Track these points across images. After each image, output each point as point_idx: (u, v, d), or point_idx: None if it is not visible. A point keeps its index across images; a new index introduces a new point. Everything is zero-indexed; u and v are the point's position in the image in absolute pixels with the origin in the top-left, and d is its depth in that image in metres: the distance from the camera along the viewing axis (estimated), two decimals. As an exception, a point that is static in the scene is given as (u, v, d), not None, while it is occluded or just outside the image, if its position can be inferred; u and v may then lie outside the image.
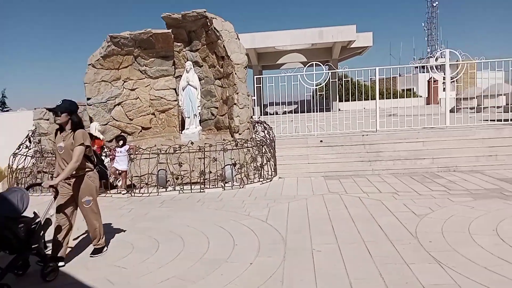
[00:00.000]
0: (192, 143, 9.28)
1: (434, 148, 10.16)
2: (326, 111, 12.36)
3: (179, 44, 11.25)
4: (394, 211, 6.31)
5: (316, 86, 12.04)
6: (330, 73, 12.70)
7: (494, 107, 13.72)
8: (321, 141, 11.12)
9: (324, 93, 13.87)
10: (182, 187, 8.77)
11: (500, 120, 11.43)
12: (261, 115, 13.21)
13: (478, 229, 5.28)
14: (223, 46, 10.43)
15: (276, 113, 13.24)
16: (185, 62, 10.94)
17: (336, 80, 14.11)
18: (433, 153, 9.97)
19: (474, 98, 18.44)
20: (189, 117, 10.65)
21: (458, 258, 4.37)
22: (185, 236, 5.60)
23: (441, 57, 11.89)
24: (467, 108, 15.67)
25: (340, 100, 28.30)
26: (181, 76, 10.90)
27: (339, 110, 23.88)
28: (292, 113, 16.40)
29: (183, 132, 10.66)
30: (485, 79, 15.16)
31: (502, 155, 9.73)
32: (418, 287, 3.75)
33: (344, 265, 4.34)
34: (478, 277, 3.87)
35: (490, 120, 11.75)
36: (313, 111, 12.01)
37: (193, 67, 10.92)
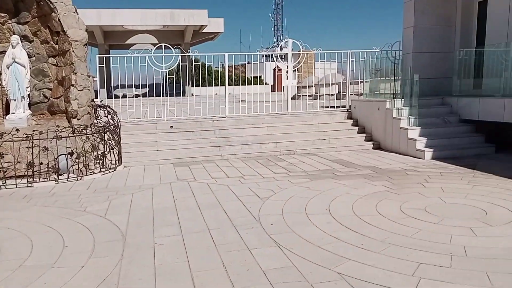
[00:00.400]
0: (17, 130, 7.99)
1: (277, 132, 10.74)
2: (178, 96, 12.06)
3: (3, 14, 9.52)
4: (240, 195, 6.39)
5: (165, 69, 11.61)
6: (180, 57, 12.37)
7: (329, 95, 15.15)
8: (171, 126, 10.78)
9: (174, 77, 13.48)
10: (4, 181, 7.49)
11: (333, 107, 12.69)
12: (108, 98, 12.20)
13: (314, 208, 5.65)
14: (58, 20, 9.19)
15: (125, 97, 12.37)
16: (11, 36, 9.35)
17: (187, 64, 13.85)
18: (276, 138, 10.52)
19: (312, 86, 20.18)
20: (15, 100, 9.15)
21: (296, 239, 4.57)
22: (2, 241, 4.72)
23: (285, 47, 12.58)
24: (306, 95, 17.06)
25: (193, 85, 28.19)
26: (5, 52, 9.29)
27: (192, 95, 23.75)
28: (142, 97, 15.66)
29: (7, 117, 9.12)
30: (322, 69, 16.66)
31: (334, 139, 10.78)
32: (259, 272, 3.78)
33: (187, 257, 4.16)
34: (312, 256, 4.08)
35: (325, 107, 12.94)
36: (164, 95, 11.57)
37: (21, 42, 9.39)
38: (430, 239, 4.46)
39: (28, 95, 9.39)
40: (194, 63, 12.93)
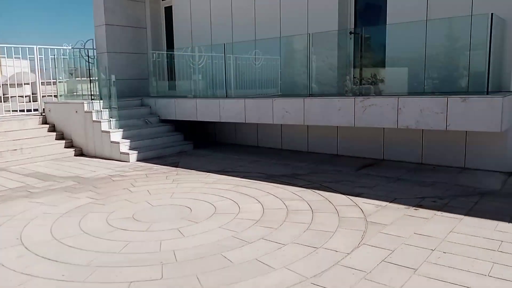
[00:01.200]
0: None
1: None
2: None
3: None
4: None
5: None
6: None
7: (20, 96, 13.04)
8: None
9: None
10: None
11: (25, 111, 10.95)
12: None
13: (0, 241, 4.49)
14: None
15: None
16: None
17: None
18: None
19: (-4, 86, 17.01)
20: None
21: (-31, 293, 3.43)
22: None
23: None
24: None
25: None
26: None
27: None
28: None
29: None
30: (11, 67, 14.21)
31: (28, 148, 9.26)
32: None
33: None
34: (-6, 312, 3.12)
35: (13, 111, 11.00)
36: None
37: None
38: (140, 250, 4.21)
39: None
40: None
